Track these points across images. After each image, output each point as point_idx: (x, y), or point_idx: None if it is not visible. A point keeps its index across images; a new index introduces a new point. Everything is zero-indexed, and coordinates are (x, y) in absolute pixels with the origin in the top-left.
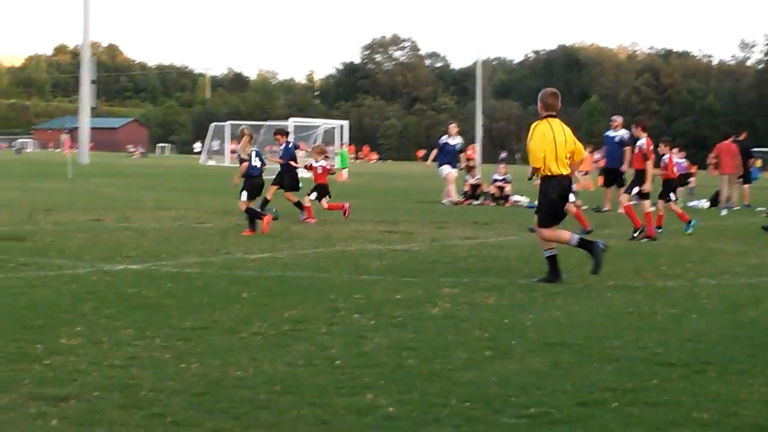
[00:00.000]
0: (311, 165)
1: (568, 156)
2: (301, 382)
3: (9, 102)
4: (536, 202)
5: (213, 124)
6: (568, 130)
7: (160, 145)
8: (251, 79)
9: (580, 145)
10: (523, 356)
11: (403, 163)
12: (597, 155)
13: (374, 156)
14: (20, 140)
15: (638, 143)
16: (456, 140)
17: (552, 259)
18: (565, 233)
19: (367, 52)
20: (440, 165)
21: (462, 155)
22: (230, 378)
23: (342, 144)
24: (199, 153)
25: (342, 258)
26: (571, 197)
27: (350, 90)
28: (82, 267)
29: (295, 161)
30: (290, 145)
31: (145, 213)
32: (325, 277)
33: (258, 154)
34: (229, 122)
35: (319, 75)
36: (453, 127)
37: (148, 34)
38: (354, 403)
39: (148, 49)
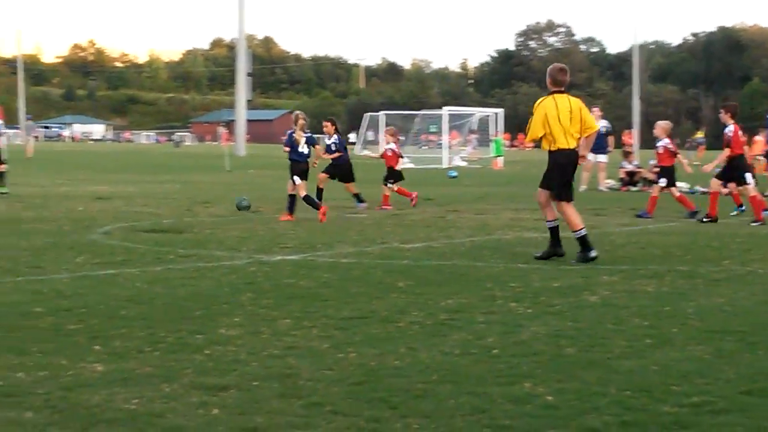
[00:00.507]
0: (383, 150)
1: (578, 130)
2: (459, 371)
3: (167, 96)
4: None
5: (367, 114)
6: (576, 105)
7: (315, 136)
8: (405, 69)
9: (590, 120)
10: (684, 344)
11: None
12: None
13: (530, 143)
14: (178, 134)
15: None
16: (600, 123)
17: (582, 239)
18: (577, 218)
19: (522, 39)
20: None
21: (610, 138)
22: (387, 367)
23: (497, 132)
24: (354, 143)
25: (498, 246)
26: (749, 179)
27: (505, 77)
28: (240, 258)
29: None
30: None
31: (300, 203)
32: (482, 266)
33: (308, 141)
34: (382, 112)
35: (474, 63)
36: (596, 111)
37: (302, 25)
38: (512, 391)
39: (302, 40)
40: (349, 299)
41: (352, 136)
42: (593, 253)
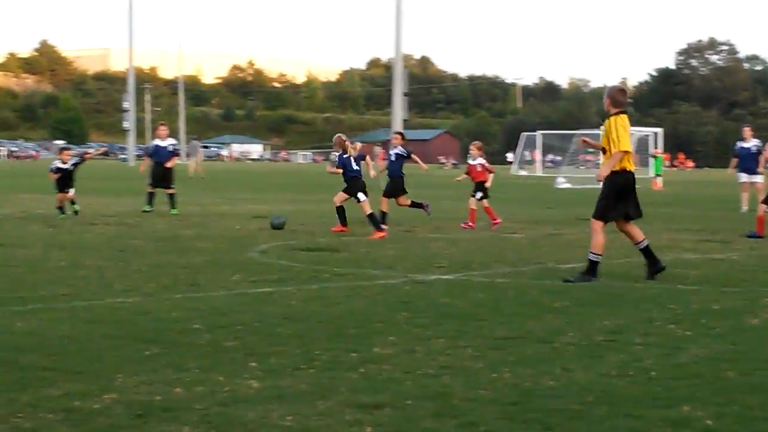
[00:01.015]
0: (469, 164)
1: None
2: (615, 393)
3: (324, 116)
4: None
5: (524, 134)
6: (606, 129)
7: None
8: (563, 88)
9: (613, 138)
10: None
11: (720, 170)
12: None
13: (690, 163)
14: (335, 153)
15: None
16: (750, 143)
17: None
18: (600, 240)
19: (683, 57)
20: (739, 171)
21: (761, 157)
22: (542, 388)
23: (656, 150)
24: (511, 163)
25: None
26: None
27: (664, 96)
28: (395, 277)
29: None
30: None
31: (456, 223)
32: (639, 287)
33: (356, 160)
34: (539, 132)
35: (633, 82)
36: (747, 131)
37: (460, 45)
38: (669, 415)
39: (459, 60)
40: (504, 319)
41: (509, 156)
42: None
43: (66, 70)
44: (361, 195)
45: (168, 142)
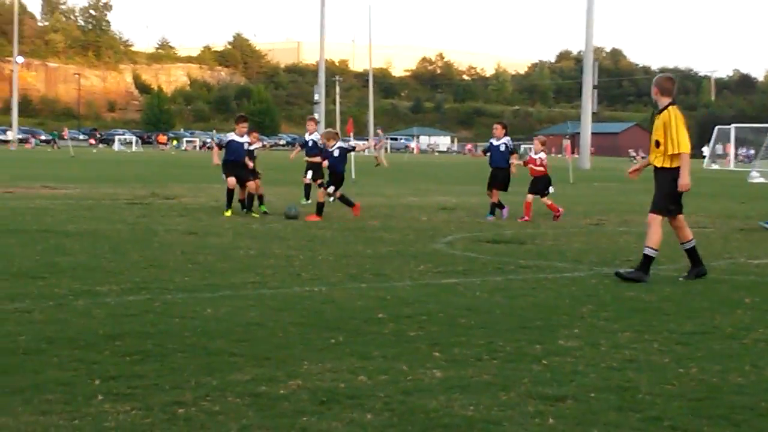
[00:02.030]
0: (530, 157)
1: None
2: None
3: (513, 109)
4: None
5: (717, 127)
6: (663, 122)
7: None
8: (758, 81)
9: (673, 137)
10: None
11: None
12: None
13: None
14: (524, 146)
15: None
16: None
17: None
18: (656, 236)
19: None
20: None
21: None
22: (730, 384)
23: None
24: (704, 157)
25: None
26: None
27: None
28: (582, 270)
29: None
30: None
31: (645, 217)
32: None
33: (341, 148)
34: (733, 125)
35: None
36: None
37: (652, 37)
38: None
39: (651, 52)
40: (691, 314)
41: (705, 150)
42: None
43: (258, 63)
44: (332, 188)
45: (314, 137)
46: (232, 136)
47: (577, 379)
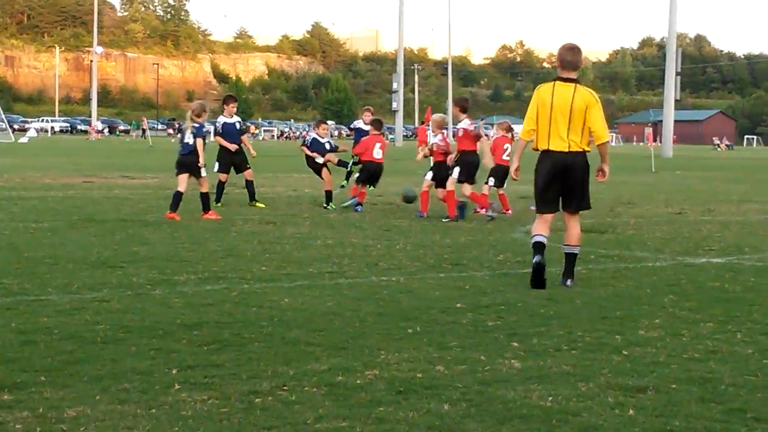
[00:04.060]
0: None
1: (578, 134)
2: None
3: None
4: None
5: None
6: (581, 101)
7: (748, 137)
8: None
9: (598, 125)
10: None
11: None
12: None
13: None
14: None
15: None
16: None
17: (535, 246)
18: (537, 227)
19: None
20: None
21: None
22: None
23: None
24: None
25: None
26: None
27: None
28: (663, 259)
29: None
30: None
31: (729, 206)
32: None
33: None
34: None
35: None
36: None
37: (737, 23)
38: None
39: (736, 38)
40: None
41: None
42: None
43: (337, 52)
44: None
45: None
46: (223, 118)
47: (657, 370)
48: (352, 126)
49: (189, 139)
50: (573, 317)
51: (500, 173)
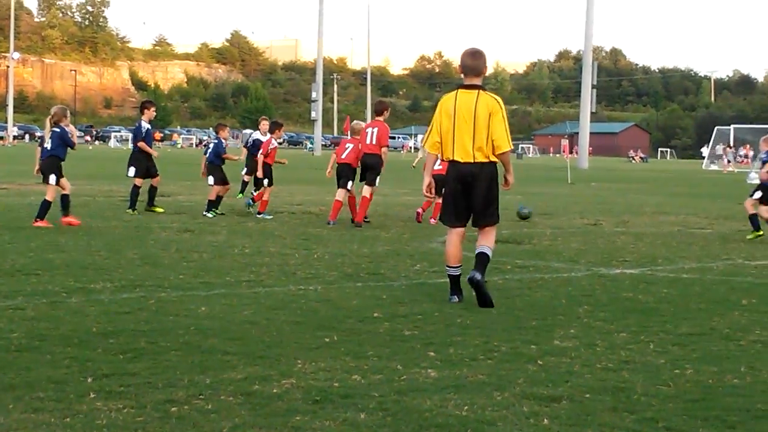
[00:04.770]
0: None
1: (483, 142)
2: None
3: (511, 108)
4: None
5: (717, 127)
6: (485, 108)
7: (661, 149)
8: (759, 81)
9: (499, 134)
10: None
11: None
12: None
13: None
14: (522, 146)
15: None
16: None
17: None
18: (450, 251)
19: None
20: None
21: None
22: (726, 385)
23: None
24: (703, 157)
25: None
26: None
27: None
28: (578, 270)
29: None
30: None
31: (643, 218)
32: None
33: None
34: (732, 126)
35: None
36: None
37: (652, 37)
38: None
39: (651, 52)
40: (688, 315)
41: (704, 151)
42: (455, 299)
43: (256, 60)
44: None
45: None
46: (146, 124)
47: (572, 380)
48: (249, 139)
49: (48, 144)
50: (489, 327)
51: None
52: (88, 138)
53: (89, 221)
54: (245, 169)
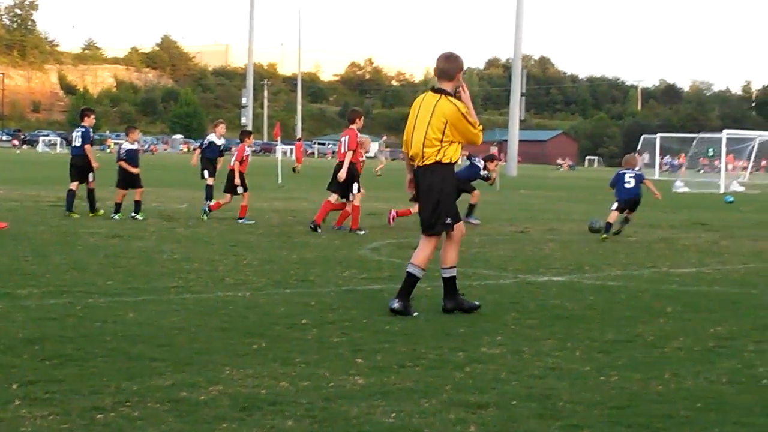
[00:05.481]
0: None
1: (433, 145)
2: (724, 400)
3: None
4: None
5: (643, 136)
6: (441, 112)
7: (589, 157)
8: (684, 91)
9: (466, 135)
10: None
11: None
12: None
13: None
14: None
15: None
16: None
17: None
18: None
19: None
20: None
21: None
22: (650, 392)
23: None
24: None
25: None
26: None
27: None
28: (506, 277)
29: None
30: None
31: (571, 225)
32: (755, 294)
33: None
34: (659, 135)
35: (757, 86)
36: None
37: (580, 46)
38: None
39: (579, 61)
40: (614, 322)
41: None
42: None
43: (186, 66)
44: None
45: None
46: (89, 130)
47: (499, 387)
48: (206, 141)
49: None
50: (417, 334)
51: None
52: (15, 142)
53: (16, 226)
54: (206, 173)
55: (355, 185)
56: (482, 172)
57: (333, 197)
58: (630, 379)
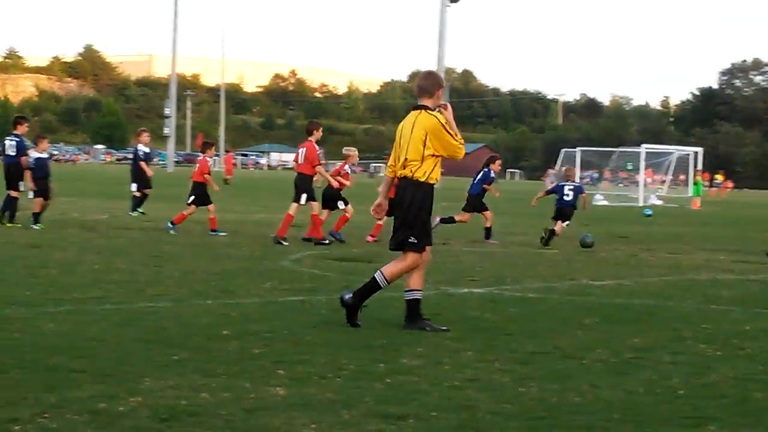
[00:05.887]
0: None
1: (412, 161)
2: (641, 411)
3: (364, 127)
4: None
5: (563, 150)
6: (421, 126)
7: (510, 170)
8: (604, 105)
9: (448, 148)
10: None
11: (761, 192)
12: None
13: (729, 184)
14: (373, 164)
15: None
16: None
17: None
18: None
19: (726, 77)
20: None
21: None
22: (568, 403)
23: (697, 172)
24: (552, 180)
25: (691, 287)
26: None
27: (706, 116)
28: (427, 289)
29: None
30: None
31: (491, 238)
32: (672, 306)
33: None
34: (579, 148)
35: (675, 101)
36: None
37: (502, 60)
38: None
39: (501, 75)
40: (533, 334)
41: (551, 172)
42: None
43: (109, 75)
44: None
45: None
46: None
47: (419, 398)
48: (140, 152)
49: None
50: (338, 345)
51: None
52: None
53: None
54: (135, 186)
55: (304, 196)
56: (491, 175)
57: (293, 208)
58: (549, 390)
